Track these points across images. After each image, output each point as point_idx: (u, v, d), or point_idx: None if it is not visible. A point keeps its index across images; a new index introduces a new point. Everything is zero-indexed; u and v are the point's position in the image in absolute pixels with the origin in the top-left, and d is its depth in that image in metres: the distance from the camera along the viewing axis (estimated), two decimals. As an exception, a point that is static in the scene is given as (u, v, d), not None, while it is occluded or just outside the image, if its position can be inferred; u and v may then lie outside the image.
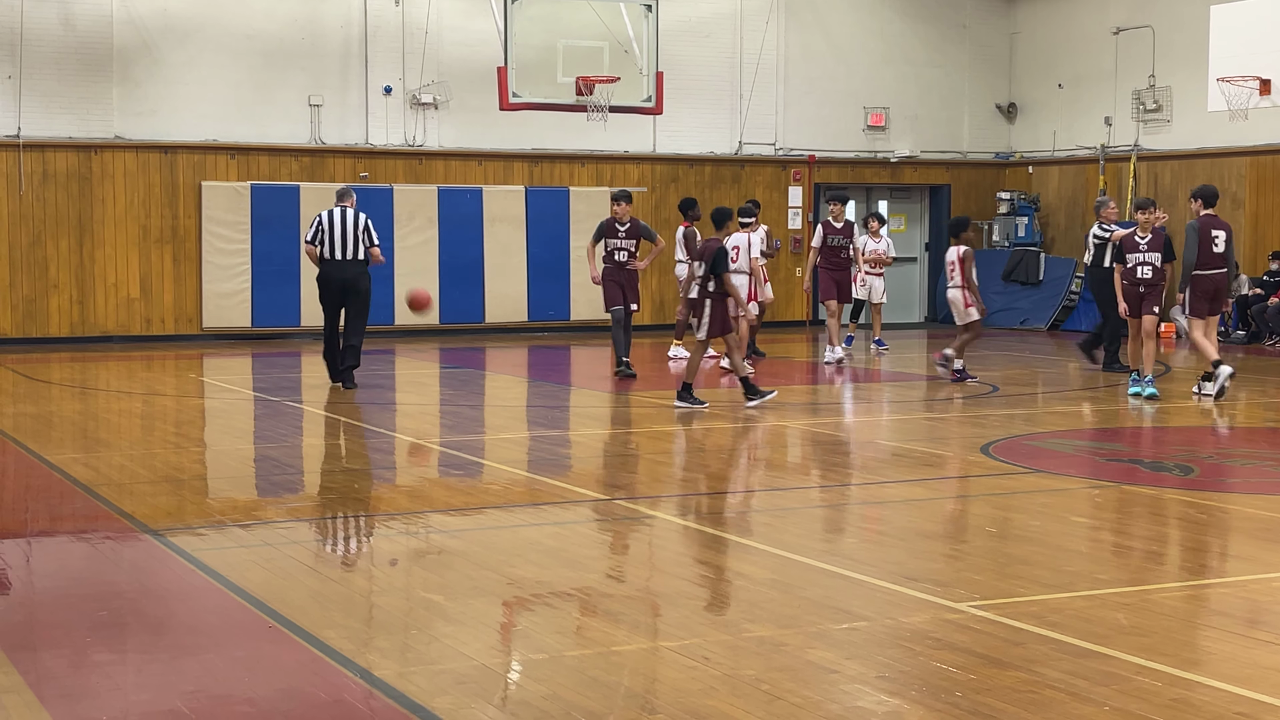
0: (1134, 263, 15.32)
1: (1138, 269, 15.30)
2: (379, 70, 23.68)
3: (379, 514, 9.44)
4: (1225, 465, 11.35)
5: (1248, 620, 6.76)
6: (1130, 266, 15.36)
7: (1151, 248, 15.22)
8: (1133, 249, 15.35)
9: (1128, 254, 15.39)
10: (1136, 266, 15.30)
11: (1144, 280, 15.26)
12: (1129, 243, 15.41)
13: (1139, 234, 15.35)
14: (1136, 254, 15.30)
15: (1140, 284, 15.29)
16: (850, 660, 6.07)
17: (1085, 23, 26.44)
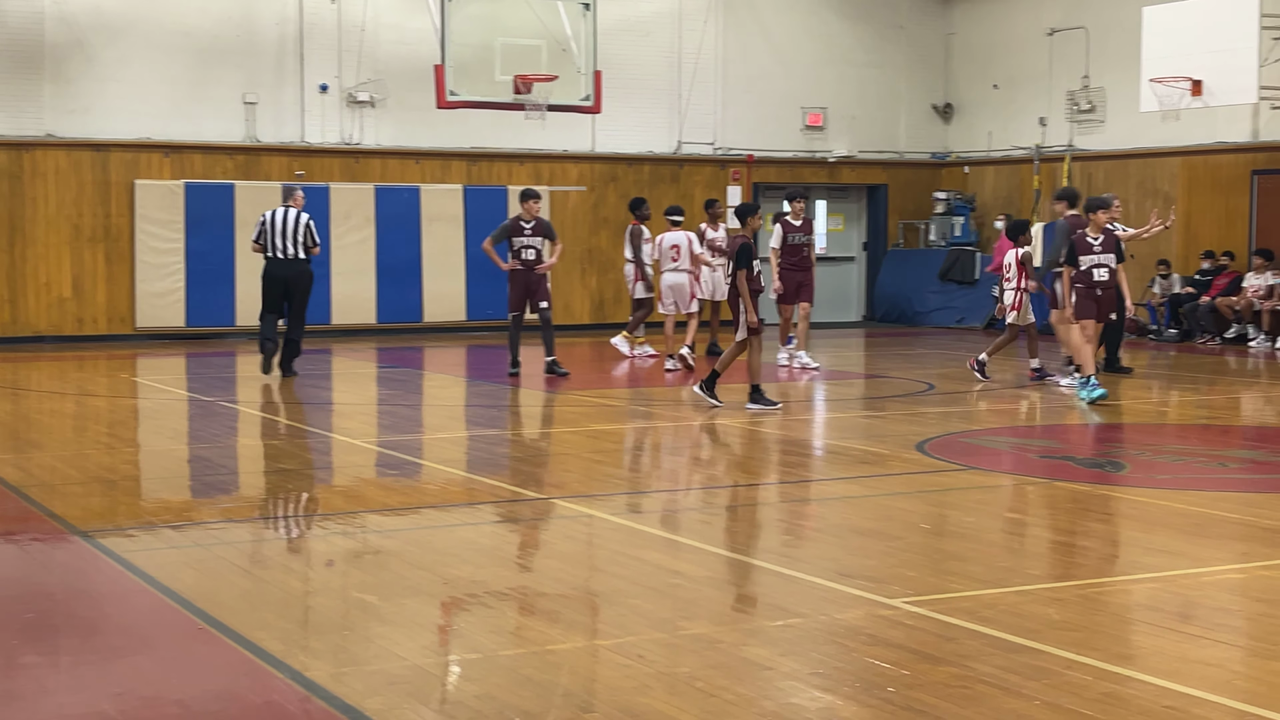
0: (1088, 265, 14.76)
1: (1093, 271, 14.77)
2: (315, 68, 23.54)
3: (313, 514, 9.38)
4: (1157, 461, 11.46)
5: (1178, 615, 6.82)
6: (1085, 269, 14.78)
7: (1105, 249, 14.77)
8: (1085, 250, 14.78)
9: (1080, 256, 14.78)
10: (1092, 269, 14.76)
11: (1100, 283, 14.79)
12: (1081, 244, 14.81)
13: (1090, 234, 14.81)
14: (1090, 255, 14.76)
15: (1096, 287, 14.79)
16: (785, 657, 6.08)
17: (1020, 24, 26.65)
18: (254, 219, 22.52)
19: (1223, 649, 6.25)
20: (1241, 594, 7.30)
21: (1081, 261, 14.76)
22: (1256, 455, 11.96)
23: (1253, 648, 6.35)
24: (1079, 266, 14.78)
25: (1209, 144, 23.33)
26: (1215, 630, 6.54)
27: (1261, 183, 22.75)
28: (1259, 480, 10.74)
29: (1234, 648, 6.32)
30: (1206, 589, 7.32)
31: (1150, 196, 24.46)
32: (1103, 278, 14.75)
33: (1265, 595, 7.22)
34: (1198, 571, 7.65)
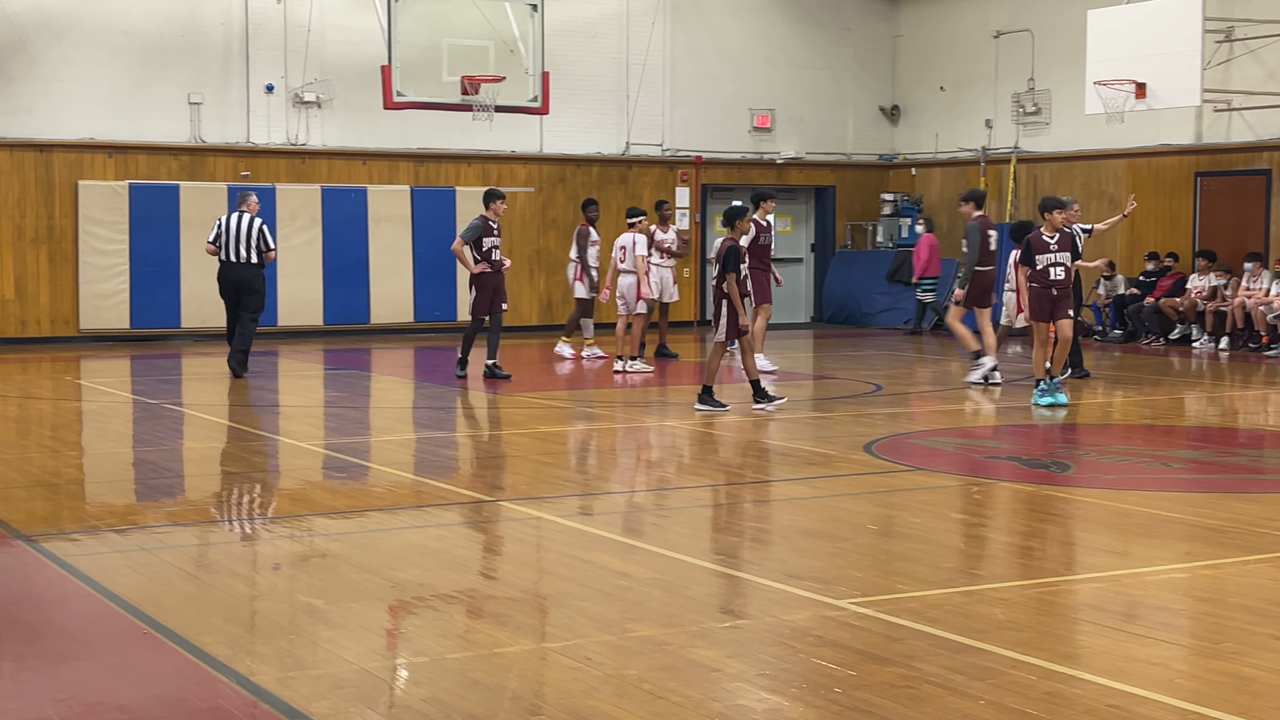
0: (1044, 264, 14.70)
1: (1050, 270, 14.70)
2: (261, 68, 23.40)
3: (259, 518, 9.32)
4: (1101, 462, 11.55)
5: (1122, 614, 6.88)
6: (1041, 269, 14.72)
7: (1061, 248, 14.70)
8: (1042, 249, 14.70)
9: (1036, 255, 14.71)
10: (1048, 268, 14.70)
11: (1056, 283, 14.70)
12: (1038, 243, 14.72)
13: (1046, 233, 14.76)
14: (1047, 255, 14.69)
15: (1052, 286, 14.71)
16: (732, 659, 6.09)
17: (966, 26, 26.81)
18: (199, 220, 22.50)
19: (1166, 648, 6.31)
20: (1185, 593, 7.37)
21: (1038, 261, 14.68)
22: (1200, 455, 12.08)
23: (1196, 647, 6.41)
24: (1035, 266, 14.70)
25: (1153, 146, 23.54)
26: (1159, 629, 6.60)
27: (1205, 185, 22.98)
28: (1202, 480, 10.85)
29: (1177, 647, 6.37)
30: (1150, 588, 7.39)
31: (1095, 198, 24.65)
32: (1059, 277, 14.67)
33: (1208, 594, 7.29)
34: (1142, 571, 7.71)
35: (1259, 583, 7.52)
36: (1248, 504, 9.75)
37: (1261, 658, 6.12)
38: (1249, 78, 21.87)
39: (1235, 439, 13.23)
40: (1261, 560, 7.95)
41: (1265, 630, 6.58)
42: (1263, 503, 9.85)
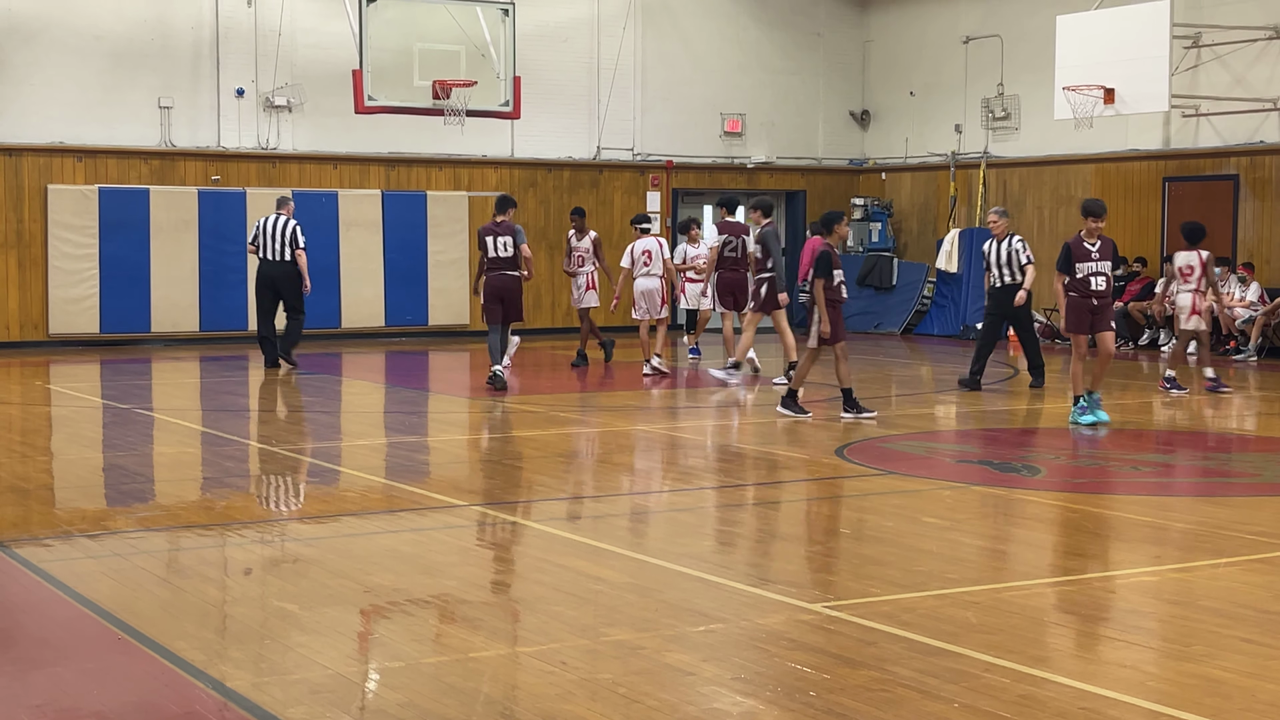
0: (1085, 273, 13.56)
1: (1090, 279, 13.57)
2: (231, 72, 23.34)
3: (232, 523, 9.30)
4: (1072, 466, 11.62)
5: (1093, 617, 6.93)
6: (1080, 277, 13.58)
7: (1103, 256, 13.63)
8: (1083, 257, 13.60)
9: (1076, 263, 13.59)
10: (1089, 277, 13.56)
11: (1096, 293, 13.61)
12: (1078, 250, 13.63)
13: (1088, 240, 13.62)
14: (1088, 263, 13.57)
15: (1092, 296, 13.61)
16: (707, 662, 6.11)
17: (936, 31, 26.91)
18: (169, 224, 22.46)
19: (1136, 650, 6.36)
20: (1154, 596, 7.42)
21: (1078, 269, 13.60)
22: (1168, 459, 12.16)
23: (1165, 649, 6.46)
24: (1074, 274, 13.63)
25: (1121, 151, 23.69)
26: (1129, 632, 6.65)
27: (1172, 190, 23.13)
28: (1171, 484, 10.93)
29: (1147, 649, 6.43)
30: (1121, 592, 7.44)
31: (1064, 204, 24.78)
32: (1099, 287, 13.61)
33: (1177, 597, 7.35)
34: (1112, 574, 7.77)
35: (1228, 586, 7.58)
36: (1216, 507, 9.83)
37: (1231, 660, 6.17)
38: (1216, 83, 22.03)
39: (1204, 443, 13.32)
40: (1230, 563, 8.02)
41: (1234, 633, 6.64)
42: (1231, 506, 9.92)
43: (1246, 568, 7.98)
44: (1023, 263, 16.48)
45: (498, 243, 16.52)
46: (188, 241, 22.77)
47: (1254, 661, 6.19)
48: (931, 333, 25.69)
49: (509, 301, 16.53)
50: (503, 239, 16.54)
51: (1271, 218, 21.47)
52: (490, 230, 16.62)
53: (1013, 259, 16.48)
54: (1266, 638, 6.55)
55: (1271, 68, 21.51)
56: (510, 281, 16.52)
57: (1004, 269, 16.53)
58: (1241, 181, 21.96)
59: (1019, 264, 16.47)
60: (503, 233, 16.56)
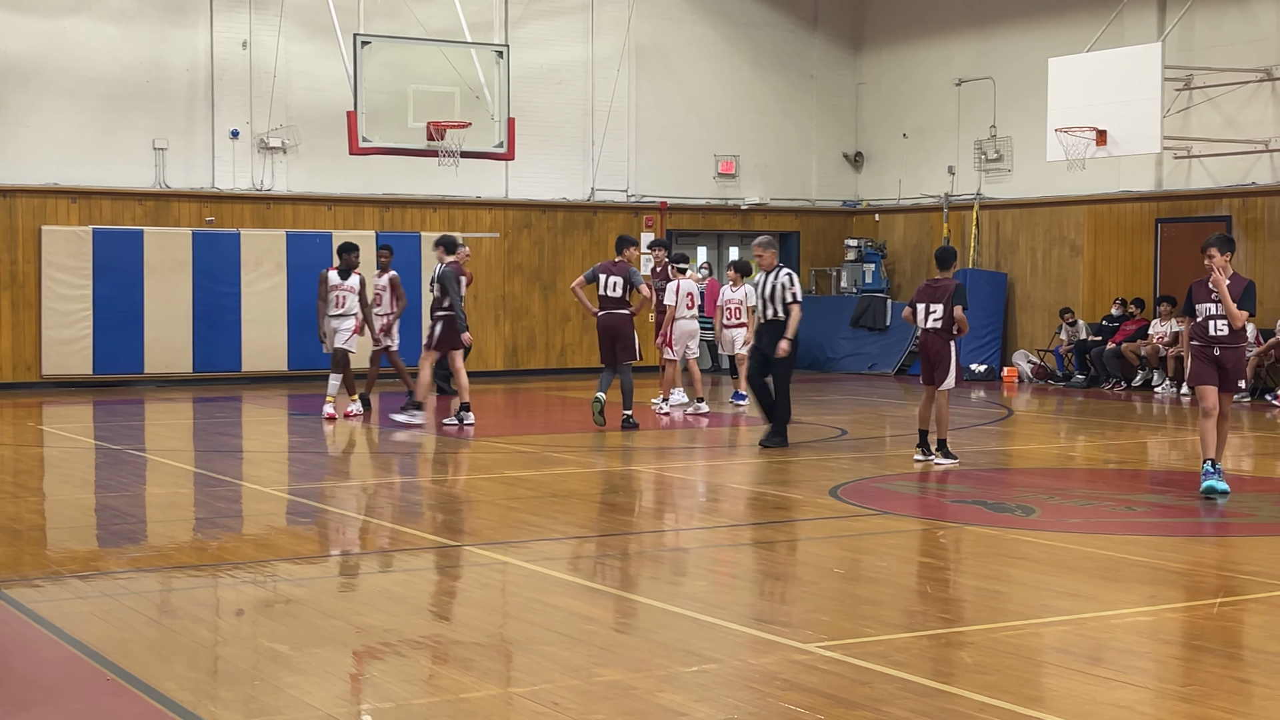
0: (1204, 315, 11.53)
1: (1209, 324, 11.50)
2: (226, 113, 23.40)
3: (223, 563, 9.26)
4: (1066, 506, 11.59)
5: (1088, 657, 6.89)
6: (1200, 321, 11.56)
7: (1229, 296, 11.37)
8: (1203, 298, 11.53)
9: (1196, 304, 11.57)
10: (1208, 320, 11.51)
11: (1218, 339, 11.48)
12: (1199, 291, 11.58)
13: (1211, 282, 11.44)
14: (1206, 304, 11.52)
15: (1213, 344, 11.49)
16: (700, 703, 6.07)
17: (929, 74, 27.03)
18: (163, 265, 22.49)
19: (1132, 691, 6.32)
20: (1150, 636, 7.39)
21: (1198, 311, 11.60)
22: (1163, 499, 12.13)
23: (1161, 689, 6.42)
24: (1195, 317, 11.64)
25: (1114, 193, 23.75)
26: (1125, 672, 6.62)
27: (1165, 231, 23.19)
28: (1166, 524, 10.90)
29: (1143, 689, 6.39)
30: (1116, 631, 7.40)
31: (1057, 245, 24.84)
32: (1221, 333, 11.46)
33: (1173, 637, 7.31)
34: (1107, 614, 7.73)
35: (1223, 626, 7.55)
36: (1211, 547, 9.80)
37: (1226, 700, 6.14)
38: (1208, 125, 22.12)
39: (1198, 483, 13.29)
40: (1225, 603, 7.99)
41: (1229, 673, 6.61)
42: (1226, 546, 9.90)
43: (1242, 607, 7.95)
44: (787, 300, 14.77)
45: (609, 282, 16.65)
46: (181, 282, 22.77)
47: (1250, 702, 6.16)
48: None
49: (619, 341, 16.58)
50: (614, 279, 16.64)
51: (1264, 258, 21.52)
52: (605, 269, 16.78)
53: (777, 294, 14.79)
54: (1263, 678, 6.52)
55: (1263, 109, 21.60)
56: (618, 320, 16.59)
57: (769, 304, 14.90)
58: (1234, 223, 22.01)
59: (783, 300, 14.79)
60: (616, 272, 16.67)
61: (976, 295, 25.15)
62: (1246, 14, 21.89)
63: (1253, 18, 21.81)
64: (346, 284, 17.71)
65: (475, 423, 16.86)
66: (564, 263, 25.82)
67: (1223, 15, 22.14)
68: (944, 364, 13.70)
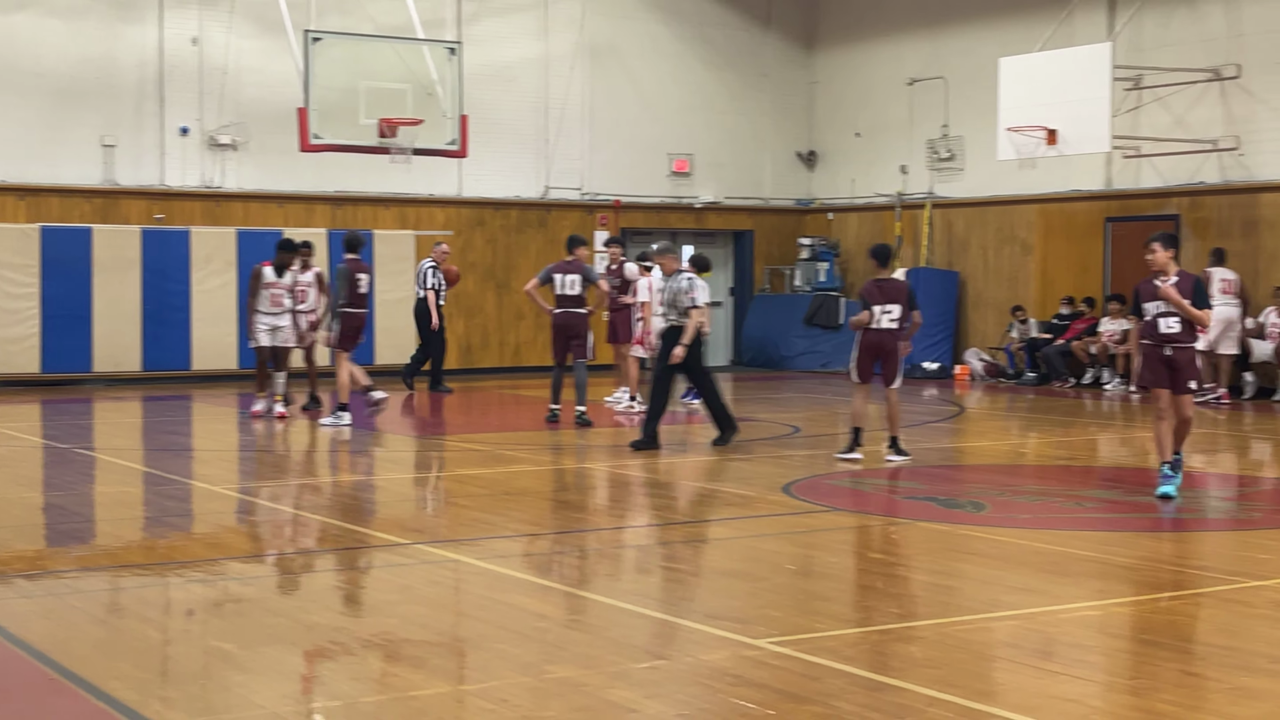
0: (1152, 314, 11.30)
1: (1158, 322, 11.26)
2: (175, 110, 23.22)
3: (171, 562, 9.18)
4: (1016, 501, 11.64)
5: (1037, 651, 6.92)
6: (1150, 320, 11.31)
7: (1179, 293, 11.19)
8: (1150, 297, 11.31)
9: (1144, 304, 11.35)
10: (1157, 319, 11.26)
11: (1168, 338, 11.23)
12: (1145, 290, 11.36)
13: (1160, 277, 11.29)
14: (1154, 302, 11.28)
15: (1164, 343, 11.24)
16: (650, 699, 6.06)
17: (881, 73, 27.10)
18: (111, 263, 22.28)
19: (1081, 685, 6.35)
20: (1099, 630, 7.43)
21: (1145, 310, 11.36)
22: (1112, 495, 12.20)
23: (1110, 683, 6.46)
24: (1144, 316, 11.42)
25: (1064, 192, 23.88)
26: (1073, 666, 6.65)
27: (1115, 230, 23.33)
28: (1114, 519, 10.96)
29: (1092, 683, 6.42)
30: (1065, 626, 7.44)
31: (1008, 243, 24.96)
32: (1172, 329, 11.20)
33: (1121, 631, 7.36)
34: (1056, 609, 7.77)
35: (1170, 620, 7.61)
36: (1159, 542, 9.86)
37: (1174, 694, 6.17)
38: (1157, 125, 22.27)
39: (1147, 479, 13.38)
40: (1172, 597, 8.04)
41: (1177, 666, 6.65)
42: (1173, 541, 9.97)
43: (1188, 601, 8.01)
44: (686, 305, 14.52)
45: (566, 280, 16.76)
46: (130, 281, 22.57)
47: (1197, 695, 6.20)
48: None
49: (575, 340, 16.80)
50: (571, 277, 16.78)
51: (1212, 257, 21.65)
52: (561, 268, 16.87)
53: (679, 299, 14.57)
54: (1210, 671, 6.56)
55: (1211, 109, 21.76)
56: (576, 319, 16.77)
57: (670, 309, 14.72)
58: (1182, 222, 22.17)
59: (683, 306, 14.55)
60: (572, 271, 16.81)
61: (929, 294, 25.27)
62: (1195, 14, 22.05)
63: (1201, 18, 21.98)
64: (283, 281, 17.62)
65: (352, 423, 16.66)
66: (517, 261, 25.76)
67: (1171, 15, 22.30)
68: (897, 362, 13.77)
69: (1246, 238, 21.46)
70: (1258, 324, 20.51)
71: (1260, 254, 21.11)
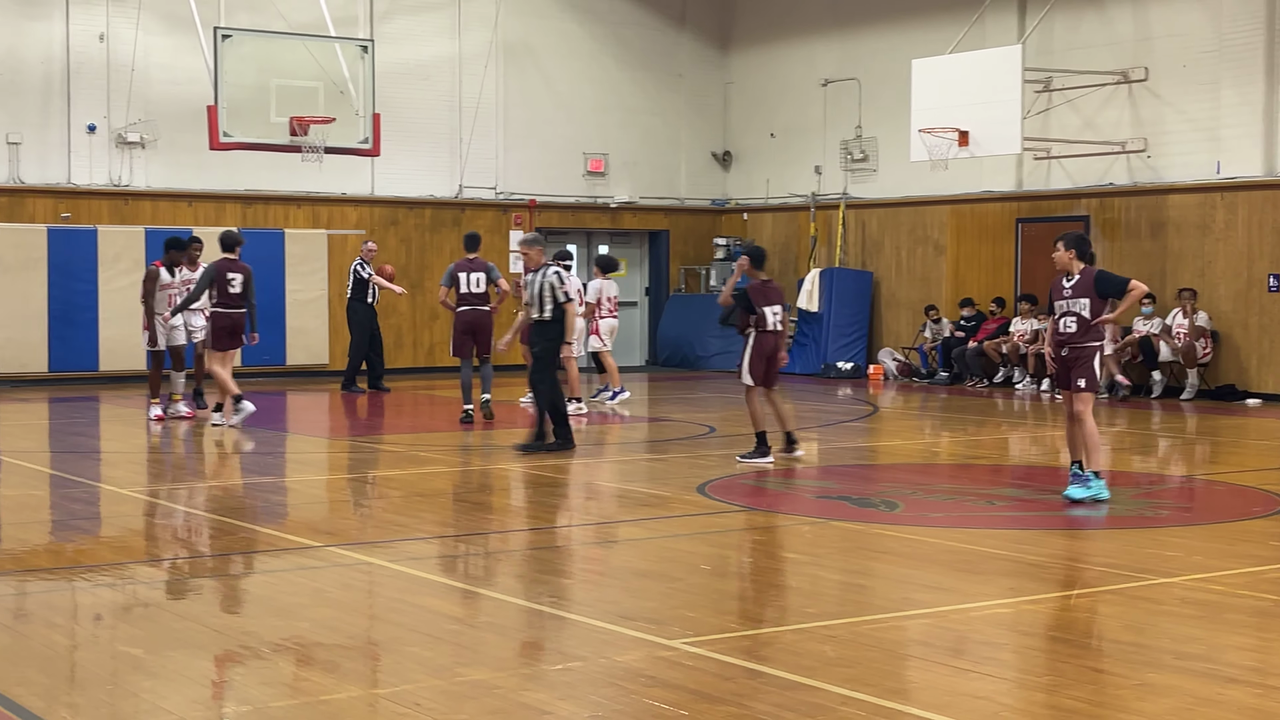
0: (1059, 313, 11.35)
1: (1060, 321, 11.32)
2: (82, 108, 22.87)
3: (79, 566, 9.04)
4: (929, 500, 11.74)
5: (949, 649, 6.97)
6: (1056, 319, 11.40)
7: (1078, 293, 11.19)
8: (1057, 295, 11.37)
9: (1054, 302, 11.41)
10: (1061, 318, 11.31)
11: (1063, 337, 11.28)
12: (1054, 289, 11.43)
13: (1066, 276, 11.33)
14: (1060, 301, 11.34)
15: (1061, 343, 11.30)
16: (564, 700, 6.04)
17: (795, 74, 27.23)
18: (16, 263, 21.93)
19: (991, 682, 6.40)
20: (1009, 628, 7.49)
21: (1055, 309, 11.45)
22: (1022, 493, 12.33)
23: (1020, 680, 6.51)
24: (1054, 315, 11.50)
25: (976, 193, 24.11)
26: (984, 664, 6.70)
27: (1025, 230, 23.58)
28: (1025, 517, 11.07)
29: (1002, 680, 6.47)
30: (976, 624, 7.50)
31: (921, 244, 25.17)
32: (1070, 329, 11.25)
33: (1031, 629, 7.42)
34: (968, 607, 7.83)
35: (1079, 617, 7.69)
36: (1068, 540, 9.97)
37: (1082, 690, 6.24)
38: (1067, 127, 22.54)
39: (1057, 477, 13.53)
40: (1081, 595, 8.13)
41: (1085, 663, 6.73)
42: (1083, 538, 10.08)
43: (1096, 599, 8.10)
44: (560, 300, 14.35)
45: (471, 279, 16.83)
46: (36, 280, 22.21)
47: (1104, 691, 6.27)
48: (794, 371, 25.86)
49: (480, 336, 16.87)
50: (475, 275, 16.86)
51: (1120, 257, 21.97)
52: (464, 267, 16.88)
53: (544, 294, 14.32)
54: (1116, 667, 6.64)
55: (1119, 111, 22.06)
56: (482, 316, 16.85)
57: (537, 303, 14.40)
58: (1092, 222, 22.45)
59: (554, 300, 14.34)
60: (476, 269, 16.88)
61: (843, 294, 25.48)
62: (1103, 18, 22.34)
63: (1109, 21, 22.27)
64: (177, 280, 17.45)
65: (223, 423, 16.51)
66: (431, 260, 25.63)
67: (1080, 19, 22.58)
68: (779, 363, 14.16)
69: (1154, 238, 21.78)
70: (1164, 325, 20.81)
71: (1167, 255, 21.42)
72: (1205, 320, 20.59)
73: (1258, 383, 20.55)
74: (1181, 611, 7.76)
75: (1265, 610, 7.80)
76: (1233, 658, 6.77)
